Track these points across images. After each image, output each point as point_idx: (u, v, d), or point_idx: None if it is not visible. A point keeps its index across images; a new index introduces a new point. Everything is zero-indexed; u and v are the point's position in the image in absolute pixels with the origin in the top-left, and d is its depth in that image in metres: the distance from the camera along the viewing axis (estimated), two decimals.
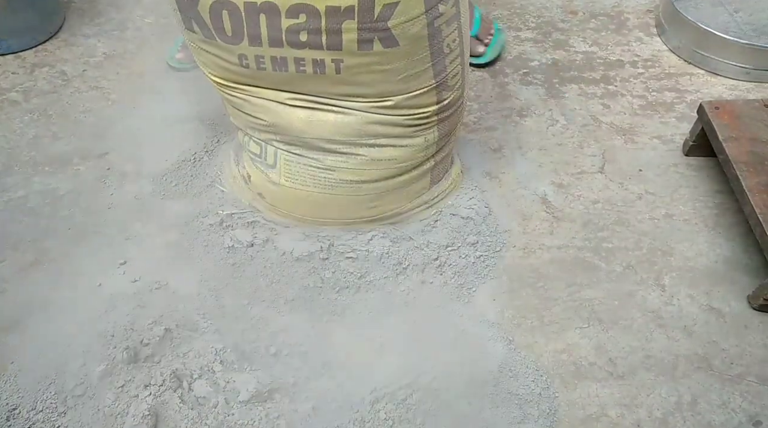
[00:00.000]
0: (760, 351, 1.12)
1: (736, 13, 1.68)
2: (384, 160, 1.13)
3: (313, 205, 1.20)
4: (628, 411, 1.05)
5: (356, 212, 1.21)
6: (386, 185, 1.17)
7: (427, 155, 1.17)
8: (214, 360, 1.05)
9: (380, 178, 1.16)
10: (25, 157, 1.43)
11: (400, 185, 1.19)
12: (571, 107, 1.57)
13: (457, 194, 1.31)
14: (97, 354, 1.04)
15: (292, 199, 1.20)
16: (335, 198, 1.18)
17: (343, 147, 1.11)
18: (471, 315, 1.17)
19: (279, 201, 1.22)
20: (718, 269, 1.24)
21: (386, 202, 1.21)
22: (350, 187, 1.16)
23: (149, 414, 0.97)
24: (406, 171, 1.17)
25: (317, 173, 1.15)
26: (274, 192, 1.21)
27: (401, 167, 1.16)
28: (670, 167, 1.44)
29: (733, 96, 1.61)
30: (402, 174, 1.17)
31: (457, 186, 1.32)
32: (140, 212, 1.32)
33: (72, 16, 1.84)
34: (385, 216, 1.23)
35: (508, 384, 1.06)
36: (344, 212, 1.21)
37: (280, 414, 1.00)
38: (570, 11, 1.89)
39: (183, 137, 1.46)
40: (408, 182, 1.19)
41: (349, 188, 1.16)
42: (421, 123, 1.10)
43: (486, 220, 1.29)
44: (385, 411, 1.01)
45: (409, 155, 1.14)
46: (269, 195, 1.22)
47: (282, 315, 1.17)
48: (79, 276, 1.21)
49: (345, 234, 1.21)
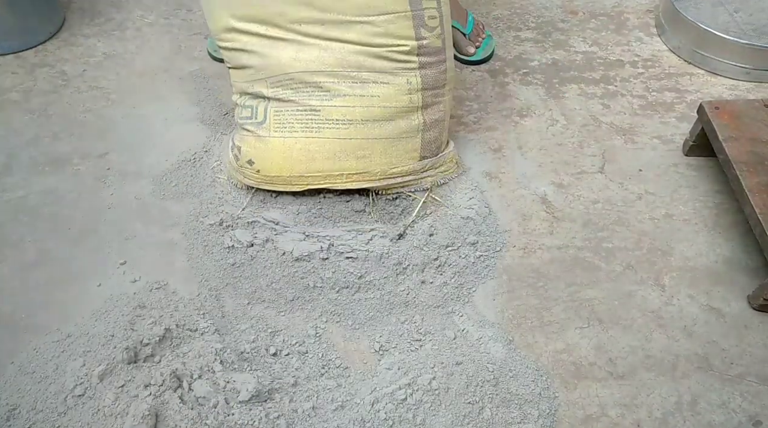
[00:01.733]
0: (760, 351, 1.12)
1: (736, 13, 1.68)
2: (367, 96, 1.18)
3: (301, 155, 1.20)
4: (628, 411, 1.05)
5: (345, 160, 1.21)
6: (373, 128, 1.20)
7: (412, 103, 1.20)
8: (214, 360, 1.05)
9: (366, 118, 1.19)
10: (25, 157, 1.43)
11: (388, 134, 1.21)
12: (571, 107, 1.57)
13: (454, 190, 1.31)
14: (97, 354, 1.04)
15: (281, 152, 1.21)
16: (323, 144, 1.20)
17: (328, 81, 1.16)
18: (471, 315, 1.17)
19: (268, 161, 1.22)
20: (718, 269, 1.24)
21: (375, 153, 1.21)
22: (337, 128, 1.19)
23: (149, 414, 0.96)
24: (393, 117, 1.20)
25: (304, 116, 1.19)
26: (263, 151, 1.22)
27: (386, 108, 1.19)
28: (670, 167, 1.44)
29: (733, 96, 1.61)
30: (388, 119, 1.20)
31: (450, 173, 1.33)
32: (140, 212, 1.32)
33: (72, 16, 1.84)
34: (374, 174, 1.23)
35: (508, 384, 1.06)
36: (333, 161, 1.21)
37: (280, 414, 1.00)
38: (570, 11, 1.89)
39: (183, 137, 1.47)
40: (396, 133, 1.21)
41: (336, 130, 1.19)
42: (401, 59, 1.17)
43: (486, 220, 1.29)
44: (385, 411, 1.01)
45: (392, 94, 1.18)
46: (259, 158, 1.23)
47: (282, 315, 1.18)
48: (79, 276, 1.21)
49: (345, 234, 1.21)
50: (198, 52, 1.72)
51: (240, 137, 1.27)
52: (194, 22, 1.82)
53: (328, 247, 1.19)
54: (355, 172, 1.22)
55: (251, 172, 1.24)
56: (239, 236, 1.21)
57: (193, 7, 1.88)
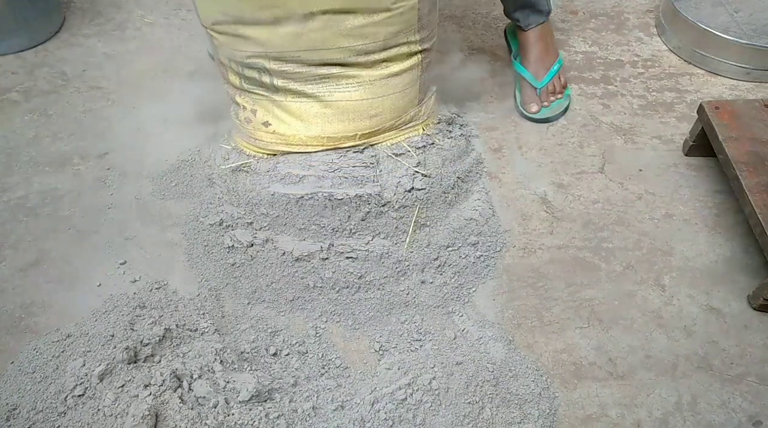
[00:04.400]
0: (760, 351, 1.12)
1: (736, 13, 1.68)
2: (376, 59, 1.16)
3: (317, 119, 1.20)
4: (628, 411, 1.05)
5: (359, 121, 1.20)
6: (382, 86, 1.19)
7: (411, 48, 1.18)
8: (214, 360, 1.05)
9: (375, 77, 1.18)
10: (25, 157, 1.43)
11: (396, 88, 1.20)
12: (571, 107, 1.57)
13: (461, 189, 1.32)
14: (97, 354, 1.04)
15: (297, 116, 1.21)
16: (337, 106, 1.19)
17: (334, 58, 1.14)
18: (471, 315, 1.17)
19: (285, 124, 1.22)
20: (718, 269, 1.24)
21: (386, 110, 1.21)
22: (348, 91, 1.18)
23: (149, 414, 0.96)
24: (400, 71, 1.19)
25: (314, 83, 1.17)
26: (280, 114, 1.22)
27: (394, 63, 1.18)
28: (670, 167, 1.44)
29: (733, 96, 1.61)
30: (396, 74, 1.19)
31: (432, 116, 1.33)
32: (140, 212, 1.32)
33: (72, 16, 1.84)
34: (385, 129, 1.23)
35: (508, 384, 1.06)
36: (347, 123, 1.20)
37: (280, 414, 1.00)
38: (570, 11, 1.89)
39: (183, 137, 1.46)
40: (402, 85, 1.21)
41: (347, 93, 1.18)
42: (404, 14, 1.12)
43: (489, 221, 1.29)
44: (385, 411, 1.01)
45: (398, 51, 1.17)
46: (275, 120, 1.22)
47: (282, 315, 1.18)
48: (79, 276, 1.21)
49: (345, 234, 1.21)
50: (198, 52, 1.72)
51: (252, 100, 1.24)
52: (194, 22, 1.82)
53: (328, 247, 1.19)
54: (369, 130, 1.22)
55: (266, 133, 1.23)
56: (239, 236, 1.21)
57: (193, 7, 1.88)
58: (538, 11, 1.51)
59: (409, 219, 1.22)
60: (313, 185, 1.19)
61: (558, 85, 1.55)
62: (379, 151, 1.23)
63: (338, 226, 1.20)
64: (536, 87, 1.53)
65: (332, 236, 1.20)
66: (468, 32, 1.81)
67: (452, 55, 1.72)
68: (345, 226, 1.20)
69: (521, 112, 1.54)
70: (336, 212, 1.19)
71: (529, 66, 1.54)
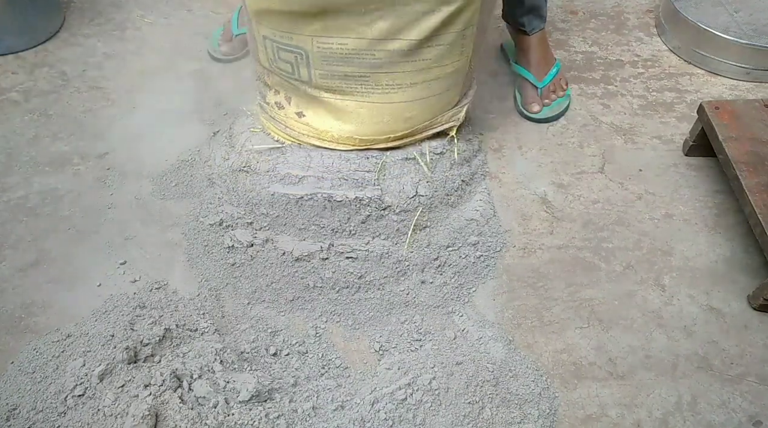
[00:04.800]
0: (760, 351, 1.12)
1: (736, 13, 1.68)
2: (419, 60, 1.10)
3: (352, 118, 1.17)
4: (628, 411, 1.05)
5: (393, 124, 1.17)
6: (422, 90, 1.14)
7: (464, 53, 1.12)
8: (214, 360, 1.05)
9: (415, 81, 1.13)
10: (25, 157, 1.43)
11: (434, 91, 1.16)
12: (571, 107, 1.57)
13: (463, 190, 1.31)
14: (97, 354, 1.04)
15: (333, 113, 1.18)
16: (372, 108, 1.15)
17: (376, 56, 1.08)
18: (471, 315, 1.17)
19: (320, 118, 1.19)
20: (718, 269, 1.24)
21: (419, 113, 1.18)
22: (386, 93, 1.14)
23: (149, 414, 0.96)
24: (443, 75, 1.14)
25: (353, 81, 1.12)
26: (316, 107, 1.18)
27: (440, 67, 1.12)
28: (670, 167, 1.44)
29: (733, 96, 1.61)
30: (437, 77, 1.13)
31: (465, 120, 1.30)
32: (140, 212, 1.32)
33: (72, 16, 1.84)
34: (416, 131, 1.21)
35: (508, 384, 1.06)
36: (381, 125, 1.17)
37: (280, 414, 1.00)
38: (570, 11, 1.89)
39: (183, 137, 1.46)
40: (441, 88, 1.17)
41: (385, 95, 1.14)
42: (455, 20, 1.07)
43: (489, 222, 1.29)
44: (385, 411, 1.01)
45: (446, 53, 1.11)
46: (310, 112, 1.19)
47: (282, 315, 1.18)
48: (79, 276, 1.21)
49: (345, 235, 1.21)
50: (198, 52, 1.72)
51: (287, 86, 1.19)
52: (194, 22, 1.82)
53: (328, 247, 1.19)
54: (402, 133, 1.20)
55: (298, 123, 1.21)
56: (239, 236, 1.21)
57: (193, 7, 1.88)
58: (540, 17, 1.54)
59: (410, 222, 1.22)
60: (312, 186, 1.19)
61: (558, 84, 1.56)
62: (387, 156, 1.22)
63: (338, 227, 1.20)
64: (538, 87, 1.53)
65: (332, 237, 1.20)
66: None
67: None
68: (344, 227, 1.20)
69: (522, 112, 1.54)
70: (335, 214, 1.19)
71: (530, 67, 1.55)
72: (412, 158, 1.23)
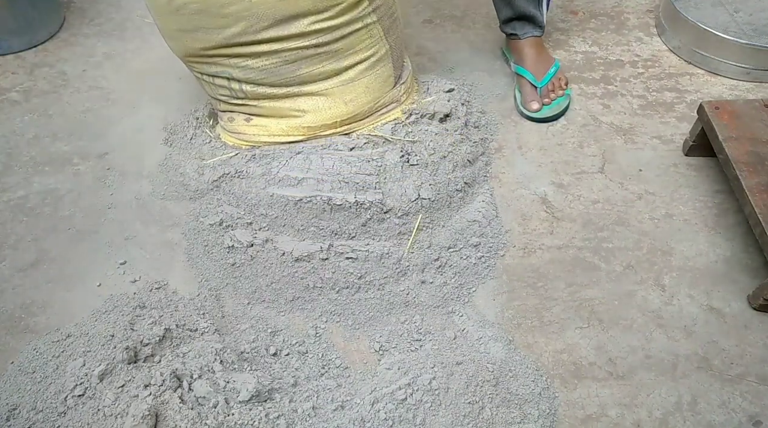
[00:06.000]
0: (760, 351, 1.12)
1: (736, 13, 1.68)
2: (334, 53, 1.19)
3: (292, 112, 1.26)
4: (628, 411, 1.05)
5: (335, 108, 1.25)
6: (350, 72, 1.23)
7: (373, 37, 1.21)
8: (214, 360, 1.05)
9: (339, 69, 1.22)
10: (25, 157, 1.43)
11: (364, 71, 1.24)
12: (571, 107, 1.57)
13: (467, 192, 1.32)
14: (97, 354, 1.04)
15: (277, 112, 1.27)
16: (308, 100, 1.24)
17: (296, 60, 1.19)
18: (471, 315, 1.17)
19: (264, 119, 1.28)
20: (718, 269, 1.24)
21: (360, 94, 1.25)
22: (317, 83, 1.23)
23: (149, 414, 0.96)
24: (363, 59, 1.23)
25: (284, 81, 1.22)
26: (259, 112, 1.28)
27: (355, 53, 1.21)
28: (670, 167, 1.44)
29: (733, 96, 1.61)
30: (360, 61, 1.22)
31: (412, 91, 1.36)
32: (140, 212, 1.32)
33: (72, 16, 1.84)
34: (363, 114, 1.27)
35: (508, 384, 1.06)
36: (323, 112, 1.25)
37: (280, 414, 1.00)
38: (570, 11, 1.89)
39: None
40: (369, 67, 1.24)
41: (318, 85, 1.23)
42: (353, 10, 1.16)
43: (491, 223, 1.29)
44: (385, 411, 1.01)
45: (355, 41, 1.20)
46: (256, 116, 1.29)
47: (282, 315, 1.18)
48: (79, 276, 1.21)
49: (345, 235, 1.21)
50: None
51: (233, 106, 1.30)
52: None
53: (328, 247, 1.19)
54: (347, 116, 1.26)
55: (248, 127, 1.29)
56: (239, 236, 1.21)
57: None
58: (535, 26, 1.56)
59: (412, 225, 1.22)
60: (312, 188, 1.19)
61: (558, 84, 1.56)
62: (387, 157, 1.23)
63: (338, 229, 1.20)
64: (537, 86, 1.53)
65: (332, 238, 1.20)
66: (468, 32, 1.81)
67: (452, 54, 1.72)
68: (345, 229, 1.20)
69: (522, 112, 1.54)
70: (335, 216, 1.19)
71: (528, 67, 1.55)
72: (414, 161, 1.25)
